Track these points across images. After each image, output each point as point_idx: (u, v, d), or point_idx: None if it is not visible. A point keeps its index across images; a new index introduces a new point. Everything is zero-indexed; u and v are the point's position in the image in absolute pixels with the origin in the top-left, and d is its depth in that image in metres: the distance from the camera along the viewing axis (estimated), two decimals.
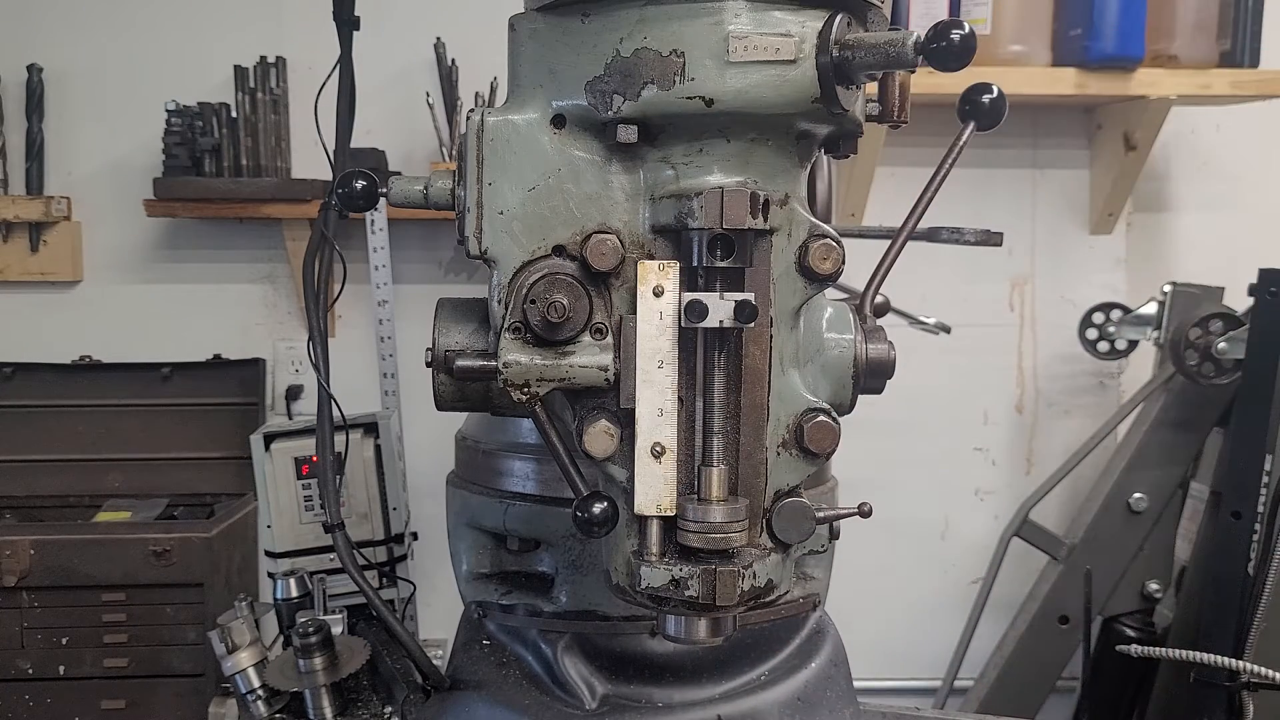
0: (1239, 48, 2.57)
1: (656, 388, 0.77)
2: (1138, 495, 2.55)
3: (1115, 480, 2.57)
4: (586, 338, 0.80)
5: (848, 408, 0.88)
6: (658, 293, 0.77)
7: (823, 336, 0.87)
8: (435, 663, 1.12)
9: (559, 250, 0.81)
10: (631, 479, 0.78)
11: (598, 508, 0.79)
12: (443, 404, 0.90)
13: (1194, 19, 2.59)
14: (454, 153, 2.71)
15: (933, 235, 1.61)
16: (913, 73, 0.82)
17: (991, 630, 2.74)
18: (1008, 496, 2.99)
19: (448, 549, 1.15)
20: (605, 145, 0.81)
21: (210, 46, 2.83)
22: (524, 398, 0.79)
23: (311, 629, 1.21)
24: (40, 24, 2.84)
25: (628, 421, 0.78)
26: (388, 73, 2.82)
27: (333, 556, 1.43)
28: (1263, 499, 2.15)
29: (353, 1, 1.30)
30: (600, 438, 0.78)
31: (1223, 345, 2.35)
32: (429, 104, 2.73)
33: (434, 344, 0.88)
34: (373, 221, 2.75)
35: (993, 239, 1.62)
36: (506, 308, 0.80)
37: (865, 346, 0.88)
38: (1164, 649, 1.91)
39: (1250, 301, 2.27)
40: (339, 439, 1.37)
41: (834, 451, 0.81)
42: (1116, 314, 2.68)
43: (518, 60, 0.84)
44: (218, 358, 2.87)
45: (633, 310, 0.78)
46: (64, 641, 2.43)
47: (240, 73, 2.74)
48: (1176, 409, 2.53)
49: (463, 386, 0.88)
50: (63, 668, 2.44)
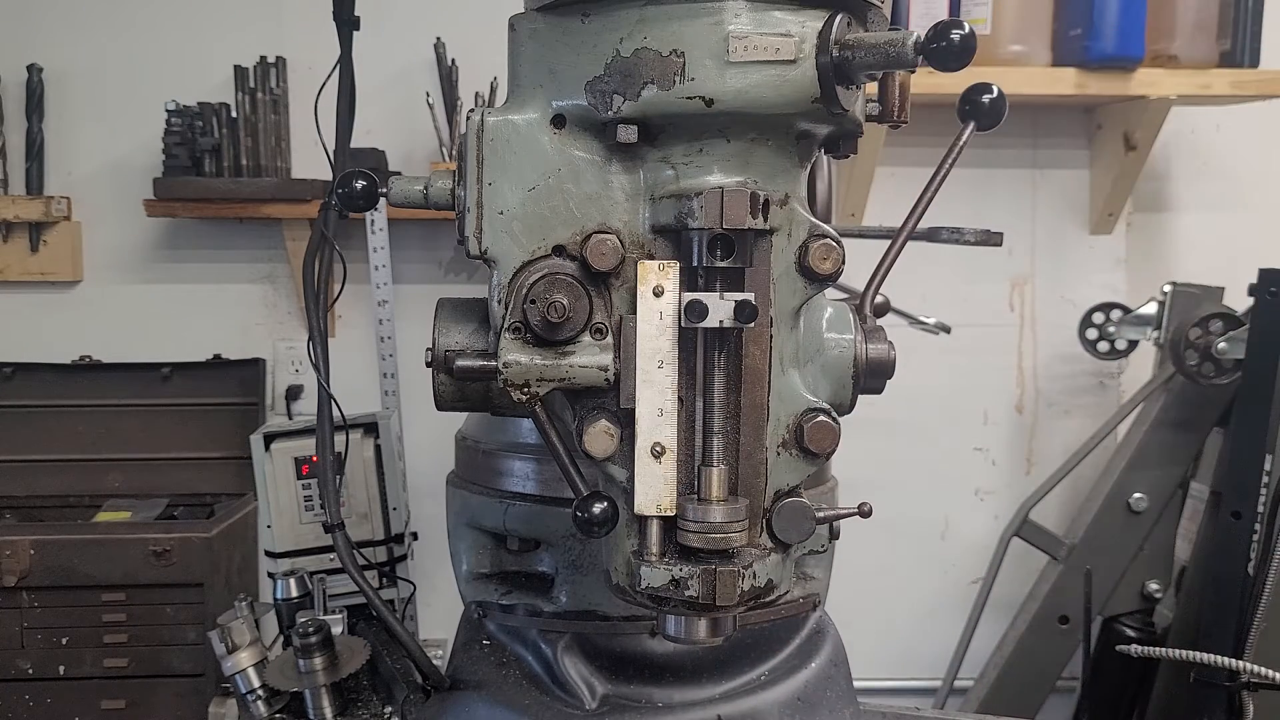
0: (1239, 48, 2.57)
1: (656, 388, 0.77)
2: (1138, 495, 2.55)
3: (1115, 480, 2.57)
4: (586, 338, 0.80)
5: (848, 408, 0.88)
6: (658, 293, 0.77)
7: (823, 336, 0.87)
8: (435, 663, 1.12)
9: (559, 250, 0.81)
10: (631, 479, 0.78)
11: (598, 508, 0.79)
12: (443, 404, 0.90)
13: (1194, 19, 2.59)
14: (454, 153, 2.71)
15: (933, 235, 1.61)
16: (913, 73, 0.82)
17: (991, 630, 2.73)
18: (1008, 496, 2.99)
19: (448, 549, 1.15)
20: (605, 145, 0.81)
21: (210, 46, 2.83)
22: (524, 398, 0.79)
23: (311, 629, 1.21)
24: (40, 24, 2.84)
25: (628, 421, 0.78)
26: (388, 73, 2.82)
27: (333, 556, 1.43)
28: (1263, 499, 2.15)
29: (353, 1, 1.30)
30: (600, 438, 0.78)
31: (1223, 345, 2.35)
32: (429, 104, 2.73)
33: (434, 344, 0.88)
34: (373, 221, 2.75)
35: (993, 239, 1.62)
36: (506, 308, 0.80)
37: (865, 346, 0.88)
38: (1164, 649, 1.91)
39: (1250, 301, 2.27)
40: (339, 439, 1.37)
41: (834, 451, 0.81)
42: (1116, 314, 2.68)
43: (518, 60, 0.84)
44: (218, 358, 2.87)
45: (633, 310, 0.78)
46: (64, 641, 2.43)
47: (240, 73, 2.74)
48: (1176, 409, 2.53)
49: (463, 386, 0.88)
50: (63, 668, 2.44)
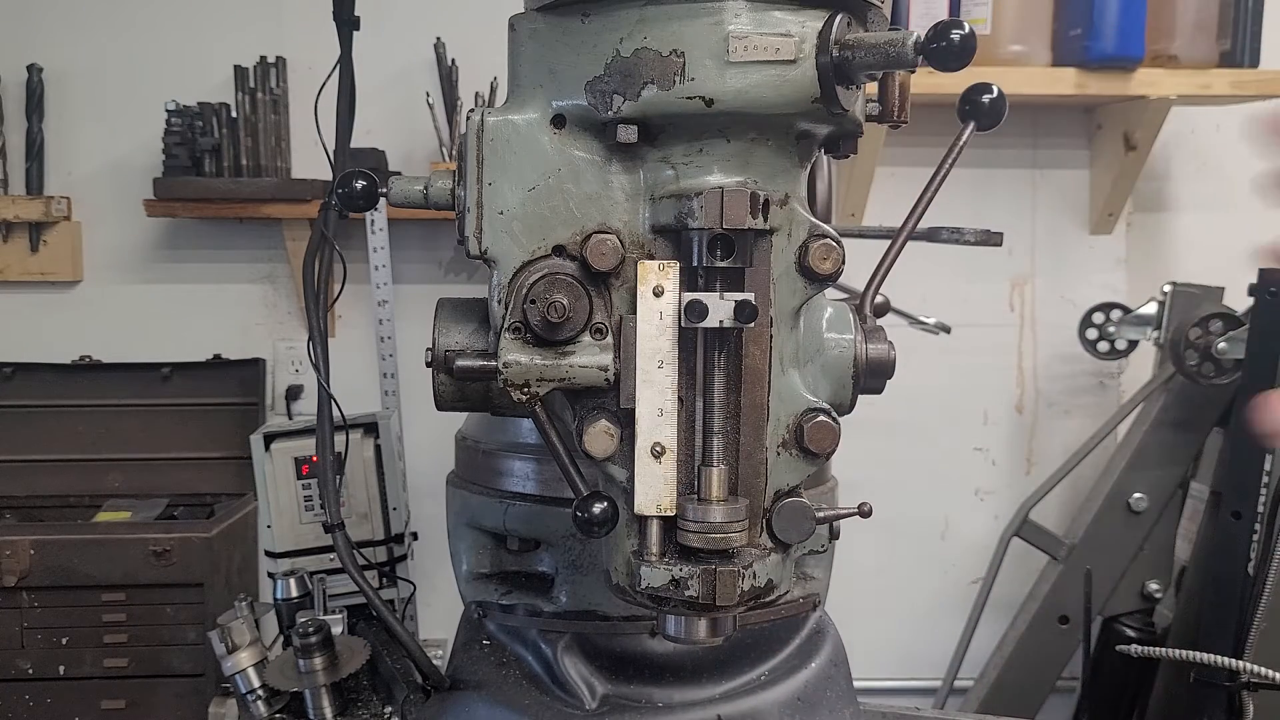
0: (1239, 48, 2.57)
1: (656, 388, 0.77)
2: (1138, 495, 2.55)
3: (1115, 480, 2.57)
4: (586, 338, 0.80)
5: (848, 408, 0.88)
6: (658, 293, 0.77)
7: (823, 336, 0.87)
8: (435, 663, 1.12)
9: (559, 250, 0.81)
10: (631, 479, 0.78)
11: (598, 508, 0.79)
12: (443, 404, 0.90)
13: (1194, 19, 2.59)
14: (454, 153, 2.71)
15: (933, 235, 1.61)
16: (913, 73, 0.82)
17: (991, 630, 2.73)
18: (1008, 496, 2.99)
19: (448, 549, 1.15)
20: (605, 145, 0.81)
21: (210, 46, 2.83)
22: (524, 398, 0.79)
23: (311, 629, 1.21)
24: (40, 24, 2.84)
25: (628, 421, 0.78)
26: (388, 73, 2.82)
27: (333, 556, 1.43)
28: (1263, 499, 2.15)
29: (353, 1, 1.30)
30: (600, 438, 0.78)
31: (1223, 345, 2.34)
32: (429, 104, 2.73)
33: (434, 344, 0.87)
34: (373, 221, 2.75)
35: (993, 239, 1.62)
36: (506, 308, 0.80)
37: (865, 346, 0.88)
38: (1164, 649, 1.91)
39: (1250, 301, 2.27)
40: (339, 439, 1.37)
41: (834, 451, 0.81)
42: (1116, 314, 2.68)
43: (518, 60, 0.84)
44: (218, 358, 2.87)
45: (633, 310, 0.78)
46: (64, 641, 2.43)
47: (240, 73, 2.74)
48: (1176, 409, 2.53)
49: (463, 386, 0.88)
50: (63, 668, 2.44)
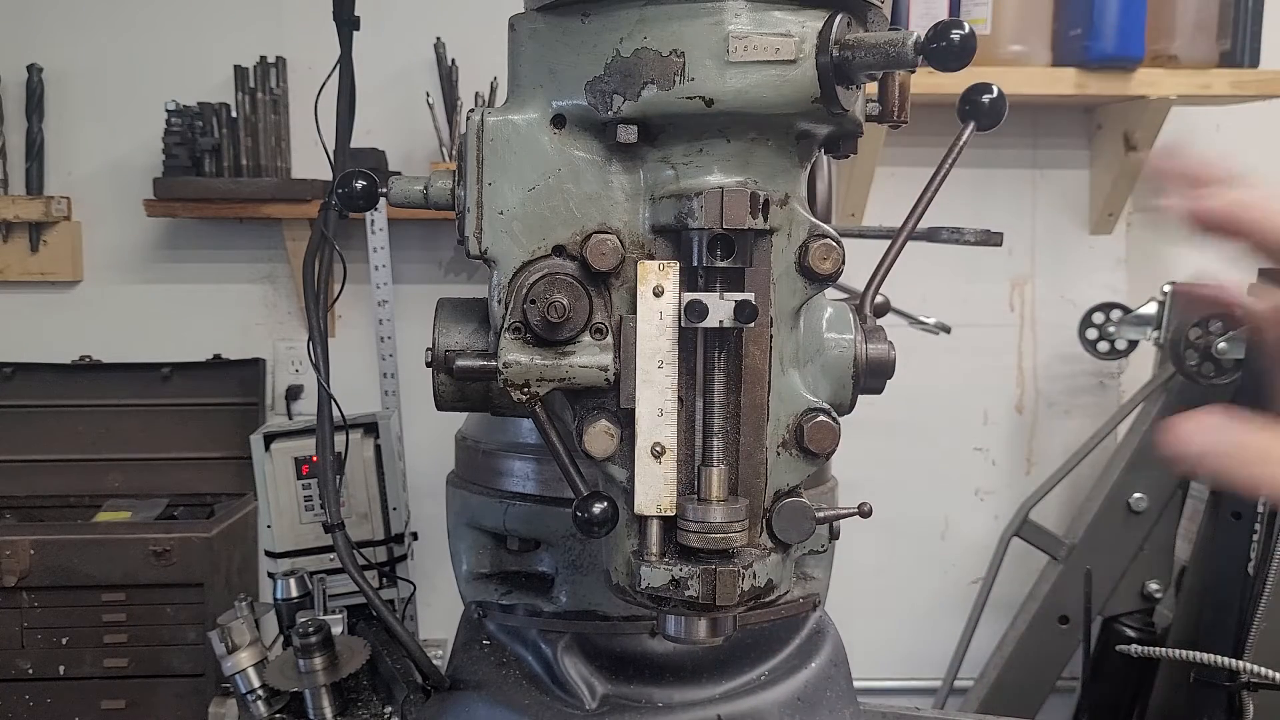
0: (1239, 48, 2.57)
1: (656, 388, 0.77)
2: (1138, 495, 2.55)
3: (1115, 480, 2.57)
4: (586, 338, 0.80)
5: (848, 408, 0.88)
6: (658, 293, 0.77)
7: (823, 336, 0.87)
8: (435, 663, 1.12)
9: (559, 250, 0.81)
10: (631, 479, 0.78)
11: (598, 508, 0.79)
12: (443, 404, 0.90)
13: (1194, 19, 2.59)
14: (454, 153, 2.71)
15: (933, 235, 1.61)
16: (913, 73, 0.82)
17: (991, 630, 2.74)
18: (1008, 496, 2.99)
19: (448, 549, 1.14)
20: (605, 145, 0.81)
21: (210, 46, 2.83)
22: (524, 398, 0.79)
23: (311, 629, 1.20)
24: (40, 24, 2.84)
25: (628, 421, 0.78)
26: (388, 73, 2.83)
27: (333, 556, 1.43)
28: (1263, 499, 2.15)
29: (353, 1, 1.30)
30: (600, 438, 0.78)
31: (1223, 345, 2.34)
32: (429, 104, 2.73)
33: (434, 344, 0.87)
34: (373, 221, 2.75)
35: (993, 239, 1.62)
36: (506, 308, 0.80)
37: (865, 346, 0.88)
38: (1164, 649, 1.91)
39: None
40: (339, 439, 1.37)
41: (834, 451, 0.81)
42: (1116, 314, 2.68)
43: (518, 60, 0.84)
44: (218, 358, 2.87)
45: (633, 310, 0.78)
46: (64, 641, 2.43)
47: (240, 73, 2.74)
48: (1176, 409, 2.53)
49: (463, 386, 0.88)
50: (63, 668, 2.44)
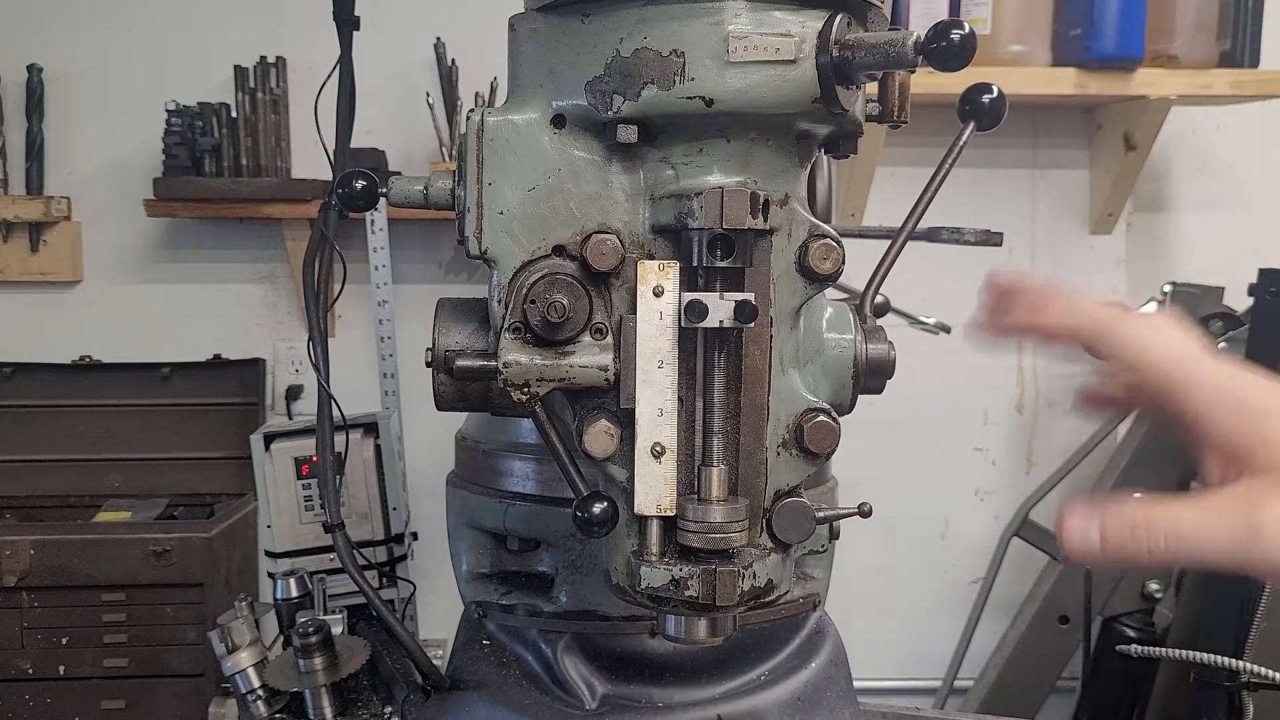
0: (1239, 48, 2.57)
1: (656, 388, 0.77)
2: (1137, 496, 2.54)
3: (1115, 480, 2.57)
4: (586, 338, 0.80)
5: (848, 408, 0.88)
6: (658, 293, 0.77)
7: (823, 336, 0.87)
8: (435, 663, 1.12)
9: (559, 250, 0.81)
10: (631, 479, 0.78)
11: (598, 508, 0.79)
12: (443, 404, 0.90)
13: (1194, 19, 2.59)
14: (454, 153, 2.71)
15: (933, 235, 1.61)
16: (913, 73, 0.82)
17: (991, 630, 2.74)
18: (1008, 496, 2.99)
19: (448, 549, 1.14)
20: (605, 145, 0.81)
21: (210, 46, 2.83)
22: (524, 398, 0.79)
23: (311, 629, 1.20)
24: (40, 24, 2.84)
25: (628, 421, 0.78)
26: (388, 73, 2.82)
27: (333, 556, 1.43)
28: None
29: (353, 1, 1.30)
30: (600, 438, 0.78)
31: (1223, 345, 2.34)
32: (429, 104, 2.73)
33: (434, 344, 0.87)
34: (373, 221, 2.75)
35: (993, 239, 1.62)
36: (506, 308, 0.80)
37: (865, 346, 0.88)
38: (1164, 649, 1.91)
39: (1250, 301, 2.27)
40: (339, 439, 1.37)
41: (834, 451, 0.81)
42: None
43: (518, 60, 0.84)
44: (218, 358, 2.87)
45: (633, 310, 0.78)
46: (64, 641, 2.43)
47: (240, 73, 2.74)
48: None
49: (463, 386, 0.88)
50: (63, 668, 2.44)
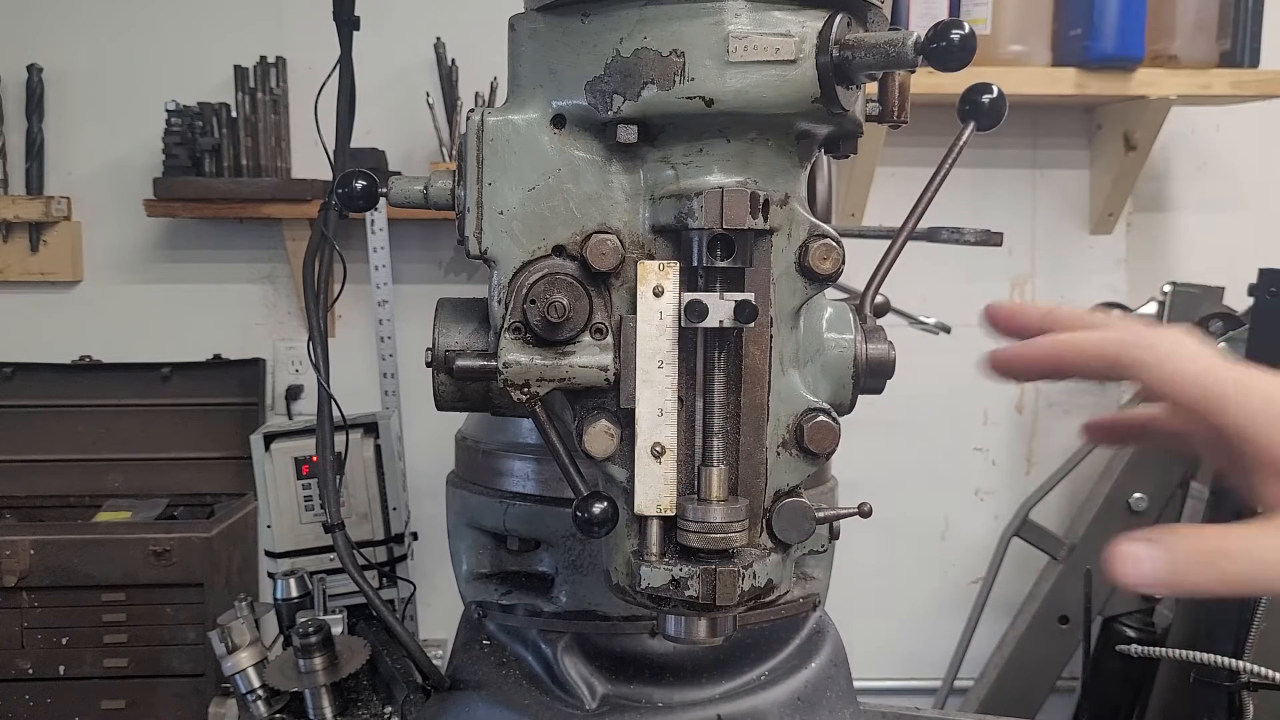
0: (1239, 48, 2.57)
1: (656, 388, 0.77)
2: (1138, 495, 2.55)
3: (1115, 480, 2.57)
4: (586, 338, 0.80)
5: (848, 408, 0.88)
6: (658, 293, 0.77)
7: (823, 336, 0.87)
8: (435, 663, 1.12)
9: (559, 250, 0.81)
10: (631, 479, 0.78)
11: (598, 508, 0.79)
12: (443, 404, 0.90)
13: (1194, 19, 2.59)
14: (454, 153, 2.71)
15: (933, 235, 1.61)
16: (913, 73, 0.82)
17: (991, 630, 2.74)
18: (1008, 496, 2.99)
19: (448, 549, 1.15)
20: (605, 145, 0.81)
21: (210, 46, 2.83)
22: (524, 398, 0.79)
23: (311, 629, 1.20)
24: (40, 24, 2.84)
25: (628, 421, 0.78)
26: (388, 73, 2.82)
27: (333, 556, 1.43)
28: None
29: (353, 1, 1.30)
30: (600, 438, 0.78)
31: (1223, 345, 2.34)
32: (429, 104, 2.73)
33: (434, 344, 0.87)
34: (373, 221, 2.75)
35: (993, 239, 1.62)
36: (506, 308, 0.80)
37: (865, 346, 0.88)
38: (1164, 649, 1.91)
39: (1250, 301, 2.27)
40: (339, 439, 1.37)
41: (834, 451, 0.81)
42: (1116, 314, 2.68)
43: (518, 60, 0.84)
44: (218, 358, 2.87)
45: (633, 310, 0.78)
46: (64, 641, 2.43)
47: (240, 73, 2.74)
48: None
49: (463, 386, 0.88)
50: (63, 668, 2.44)
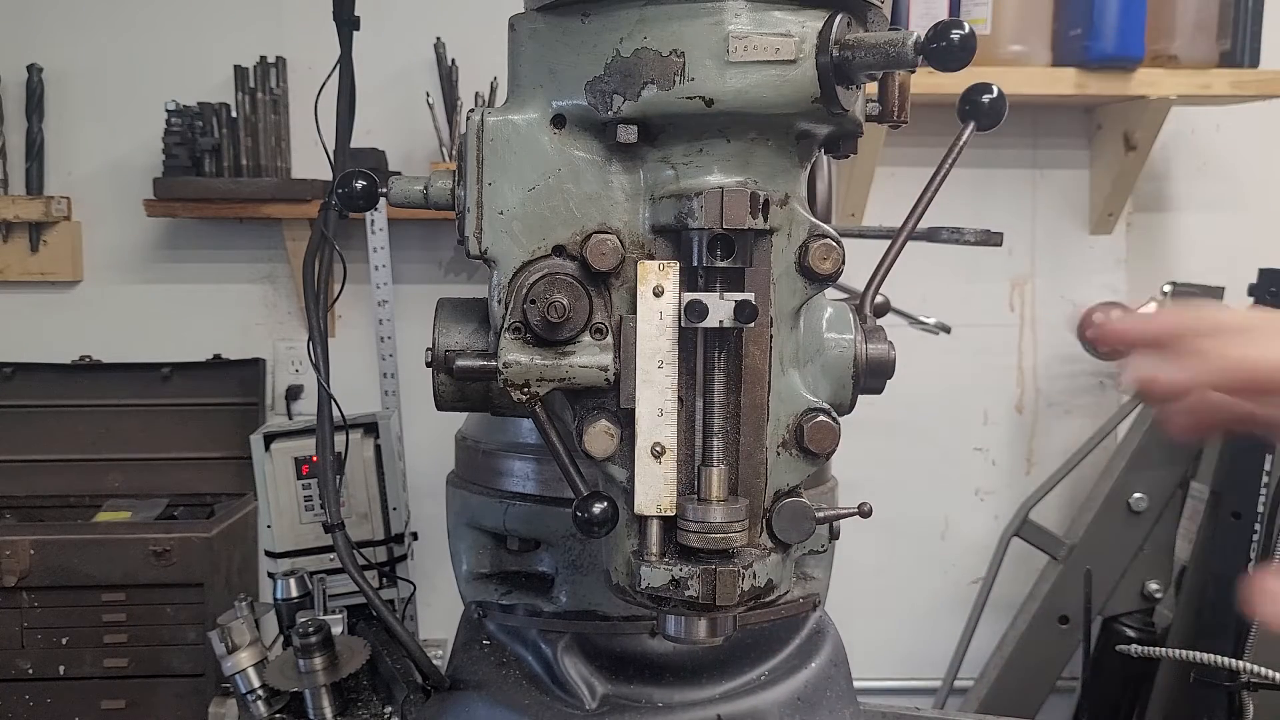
0: (1239, 48, 2.57)
1: (656, 388, 0.77)
2: (1138, 495, 2.55)
3: (1115, 480, 2.57)
4: (586, 338, 0.80)
5: (848, 408, 0.88)
6: (658, 293, 0.77)
7: (823, 336, 0.87)
8: (435, 663, 1.12)
9: (559, 250, 0.81)
10: (631, 479, 0.78)
11: (598, 508, 0.79)
12: (443, 404, 0.90)
13: (1194, 19, 2.59)
14: (454, 153, 2.71)
15: (933, 235, 1.61)
16: (913, 73, 0.82)
17: (991, 630, 2.74)
18: (1008, 496, 2.99)
19: (448, 549, 1.15)
20: (605, 145, 0.81)
21: (210, 46, 2.83)
22: (524, 398, 0.79)
23: (311, 629, 1.20)
24: (40, 24, 2.84)
25: (628, 421, 0.78)
26: (388, 73, 2.82)
27: (333, 556, 1.43)
28: (1263, 499, 2.16)
29: (353, 1, 1.30)
30: (600, 438, 0.78)
31: None
32: (429, 104, 2.73)
33: (434, 344, 0.87)
34: (373, 221, 2.75)
35: (993, 239, 1.62)
36: (506, 308, 0.80)
37: (865, 346, 0.88)
38: (1164, 649, 1.91)
39: (1250, 301, 2.27)
40: (339, 439, 1.37)
41: (834, 451, 0.81)
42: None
43: (518, 60, 0.84)
44: (218, 358, 2.87)
45: (633, 310, 0.78)
46: (64, 641, 2.43)
47: (240, 73, 2.74)
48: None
49: (463, 386, 0.88)
50: (63, 668, 2.44)
